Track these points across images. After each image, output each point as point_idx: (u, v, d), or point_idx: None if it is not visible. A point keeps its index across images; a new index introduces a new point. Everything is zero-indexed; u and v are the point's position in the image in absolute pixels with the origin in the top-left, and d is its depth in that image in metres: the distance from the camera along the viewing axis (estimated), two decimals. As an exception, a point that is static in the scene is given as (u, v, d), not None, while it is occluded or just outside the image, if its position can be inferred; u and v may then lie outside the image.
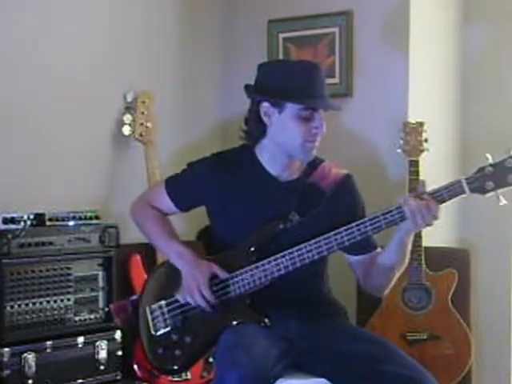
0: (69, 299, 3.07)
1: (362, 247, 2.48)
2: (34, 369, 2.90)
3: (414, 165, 3.34)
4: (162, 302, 2.54)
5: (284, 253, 2.39)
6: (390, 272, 2.46)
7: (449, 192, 2.26)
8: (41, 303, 2.98)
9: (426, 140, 3.37)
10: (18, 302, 2.91)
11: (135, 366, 3.22)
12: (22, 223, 2.97)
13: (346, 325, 2.59)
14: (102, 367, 3.11)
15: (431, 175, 3.40)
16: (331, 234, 2.35)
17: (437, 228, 3.53)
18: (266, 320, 2.40)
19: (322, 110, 2.45)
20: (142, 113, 3.49)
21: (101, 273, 3.17)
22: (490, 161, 2.25)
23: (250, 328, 2.38)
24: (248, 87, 2.53)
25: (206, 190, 2.55)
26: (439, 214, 2.27)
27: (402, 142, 3.38)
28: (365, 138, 3.67)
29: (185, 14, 3.90)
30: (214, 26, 4.05)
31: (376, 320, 3.34)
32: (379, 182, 3.61)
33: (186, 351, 2.50)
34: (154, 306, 2.55)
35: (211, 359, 2.98)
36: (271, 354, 2.30)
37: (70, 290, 3.07)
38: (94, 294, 3.15)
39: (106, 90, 3.50)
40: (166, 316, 2.53)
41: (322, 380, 2.40)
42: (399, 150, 3.38)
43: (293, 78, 2.42)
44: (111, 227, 3.18)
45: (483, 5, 3.87)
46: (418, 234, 3.26)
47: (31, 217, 3.00)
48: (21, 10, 3.22)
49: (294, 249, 2.38)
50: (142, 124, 3.49)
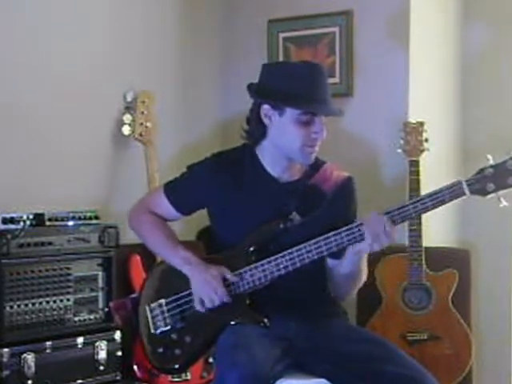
0: (68, 299, 3.06)
1: (341, 252, 2.46)
2: (33, 369, 2.89)
3: (414, 165, 3.33)
4: (162, 301, 2.54)
5: (284, 253, 2.39)
6: (346, 281, 2.50)
7: (449, 194, 2.25)
8: (40, 303, 2.97)
9: (427, 140, 3.36)
10: (18, 303, 2.91)
11: (135, 367, 3.22)
12: (22, 223, 2.96)
13: (345, 325, 2.58)
14: (101, 367, 3.10)
15: (431, 175, 3.40)
16: (331, 234, 2.35)
17: (437, 228, 3.55)
18: (266, 320, 2.40)
19: (323, 115, 2.45)
20: (142, 113, 3.49)
21: (100, 273, 3.17)
22: (491, 162, 2.24)
23: (249, 328, 2.38)
24: (250, 87, 2.52)
25: (206, 192, 2.55)
26: (395, 236, 2.29)
27: (402, 141, 3.38)
28: (365, 137, 3.67)
29: (185, 14, 3.90)
30: (214, 25, 4.04)
31: (376, 320, 3.34)
32: (379, 181, 3.61)
33: (185, 350, 2.50)
34: (153, 305, 2.55)
35: (211, 359, 2.99)
36: (271, 354, 2.30)
37: (70, 290, 3.07)
38: (93, 294, 3.14)
39: (106, 89, 3.49)
40: (166, 315, 2.53)
41: (322, 380, 2.40)
42: (399, 150, 3.38)
43: (294, 82, 2.41)
44: (111, 227, 3.17)
45: (483, 7, 3.87)
46: (418, 234, 3.26)
47: (31, 217, 2.99)
48: (21, 10, 3.22)
49: (294, 249, 2.38)
50: (141, 124, 3.48)
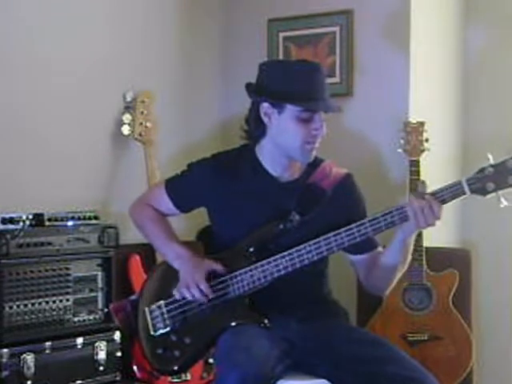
0: (68, 300, 3.05)
1: (363, 247, 2.46)
2: (32, 370, 2.89)
3: (414, 165, 3.33)
4: (162, 302, 2.54)
5: (284, 253, 2.38)
6: (392, 272, 2.45)
7: (449, 193, 2.25)
8: (40, 304, 2.96)
9: (427, 140, 3.36)
10: (17, 303, 2.90)
11: (134, 367, 3.21)
12: (21, 223, 2.95)
13: (346, 326, 2.58)
14: (101, 368, 3.10)
15: (432, 175, 3.39)
16: (331, 234, 2.34)
17: (438, 228, 3.54)
18: (266, 321, 2.39)
19: (322, 112, 2.44)
20: (142, 112, 3.48)
21: (100, 273, 3.16)
22: (491, 161, 2.23)
23: (249, 329, 2.37)
24: (249, 86, 2.52)
25: (205, 191, 2.55)
26: (441, 214, 2.26)
27: (402, 141, 3.37)
28: (365, 137, 3.66)
29: (185, 14, 3.89)
30: (214, 25, 4.04)
31: (376, 321, 3.33)
32: (380, 181, 3.60)
33: (185, 352, 2.49)
34: (153, 307, 2.55)
35: (211, 360, 2.98)
36: (272, 354, 2.29)
37: (69, 290, 3.06)
38: (93, 294, 3.13)
39: (106, 89, 3.48)
40: (166, 316, 2.52)
41: (323, 381, 2.39)
42: (400, 150, 3.37)
43: (293, 80, 2.41)
44: (110, 227, 3.16)
45: (484, 6, 3.86)
46: (419, 234, 3.25)
47: (30, 217, 2.98)
48: (19, 10, 3.21)
49: (294, 249, 2.37)
50: (141, 124, 3.48)
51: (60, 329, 3.02)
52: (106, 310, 3.15)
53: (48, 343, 2.95)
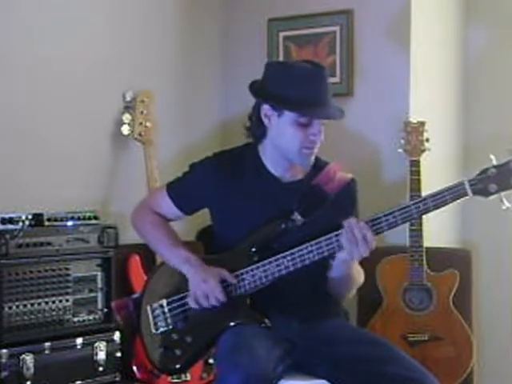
0: (67, 300, 3.05)
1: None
2: (32, 370, 2.88)
3: (415, 165, 3.32)
4: (163, 301, 2.54)
5: (285, 253, 2.38)
6: (336, 283, 2.48)
7: (451, 194, 2.24)
8: (39, 304, 2.96)
9: (428, 140, 3.35)
10: (17, 303, 2.89)
11: (134, 367, 3.21)
12: (20, 223, 2.94)
13: (346, 326, 2.58)
14: (100, 368, 3.09)
15: (432, 175, 3.39)
16: (332, 235, 2.33)
17: (438, 228, 3.54)
18: (267, 321, 2.39)
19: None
20: (141, 112, 3.48)
21: (99, 273, 3.15)
22: (494, 162, 2.22)
23: (250, 329, 2.37)
24: (253, 85, 2.51)
25: (208, 190, 2.55)
26: (374, 245, 2.27)
27: (403, 141, 3.37)
28: (366, 137, 3.65)
29: (185, 13, 3.89)
30: (214, 25, 4.03)
31: (377, 321, 3.33)
32: (380, 181, 3.60)
33: (186, 351, 2.49)
34: (155, 305, 2.55)
35: (211, 360, 2.98)
36: (273, 354, 2.29)
37: (69, 290, 3.05)
38: (92, 294, 3.13)
39: (105, 89, 3.48)
40: (167, 315, 2.52)
41: (323, 381, 2.39)
42: (400, 150, 3.37)
43: (295, 84, 2.40)
44: (110, 227, 3.16)
45: (485, 6, 3.86)
46: (419, 234, 3.25)
47: (29, 217, 2.97)
48: (19, 10, 3.20)
49: (295, 249, 2.37)
50: (141, 123, 3.47)
51: (59, 329, 3.01)
52: (105, 310, 3.14)
53: (47, 343, 2.94)
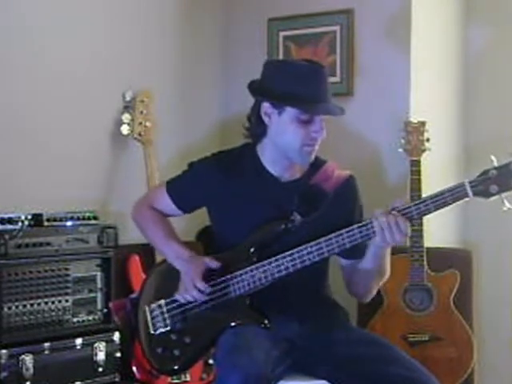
0: (67, 300, 3.04)
1: (356, 252, 2.44)
2: (31, 371, 2.88)
3: (415, 164, 3.32)
4: (162, 302, 2.53)
5: (285, 254, 2.37)
6: (367, 278, 2.46)
7: (452, 195, 2.23)
8: (38, 304, 2.95)
9: (428, 139, 3.35)
10: (16, 304, 2.89)
11: (134, 368, 3.20)
12: (20, 223, 2.94)
13: (347, 326, 2.56)
14: (100, 369, 3.09)
15: (433, 175, 3.38)
16: (332, 235, 2.32)
17: (439, 228, 3.53)
18: (266, 321, 2.38)
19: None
20: (141, 112, 3.47)
21: (99, 274, 3.15)
22: (495, 163, 2.21)
23: (250, 329, 2.36)
24: (252, 84, 2.51)
25: (207, 190, 2.54)
26: (409, 231, 2.26)
27: (403, 141, 3.36)
28: (366, 137, 3.65)
29: (184, 13, 3.88)
30: (214, 24, 4.03)
31: (377, 321, 3.32)
32: (380, 181, 3.59)
33: (185, 351, 2.48)
34: (153, 306, 2.55)
35: (211, 361, 2.97)
36: (272, 355, 2.29)
37: (68, 291, 3.05)
38: (92, 295, 3.12)
39: (105, 88, 3.48)
40: (166, 315, 2.52)
41: (324, 382, 2.38)
42: (401, 150, 3.36)
43: (295, 81, 2.39)
44: (109, 228, 3.15)
45: (485, 5, 3.85)
46: (419, 234, 3.24)
47: (29, 217, 2.97)
48: (20, 10, 3.20)
49: (295, 250, 2.36)
50: (140, 123, 3.47)
51: (59, 329, 3.00)
52: (105, 310, 3.14)
53: (47, 344, 2.93)
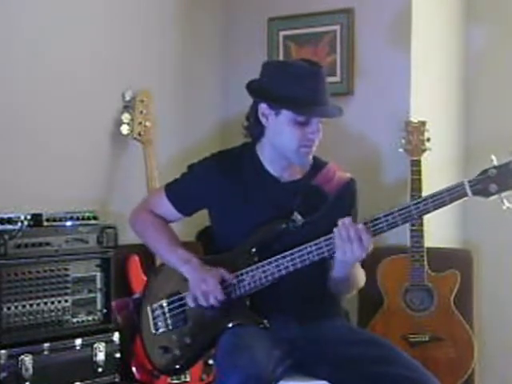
0: (66, 300, 3.03)
1: None
2: (31, 371, 2.87)
3: (415, 164, 3.31)
4: (164, 302, 2.54)
5: (285, 254, 2.37)
6: (336, 284, 2.46)
7: (451, 195, 2.23)
8: (38, 305, 2.94)
9: (429, 139, 3.34)
10: (15, 304, 2.88)
11: (133, 368, 3.20)
12: (19, 223, 2.93)
13: (347, 326, 2.57)
14: (99, 369, 3.07)
15: (433, 175, 3.38)
16: (332, 235, 2.31)
17: (439, 228, 3.53)
18: (265, 322, 2.38)
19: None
20: (141, 112, 3.47)
21: (99, 274, 3.14)
22: (495, 162, 2.21)
23: (250, 330, 2.36)
24: (250, 85, 2.51)
25: (206, 192, 2.54)
26: (371, 247, 2.25)
27: (403, 141, 3.36)
28: (366, 137, 3.64)
29: (184, 12, 3.88)
30: (214, 24, 4.02)
31: (377, 321, 3.32)
32: (380, 181, 3.59)
33: (185, 351, 2.49)
34: (155, 305, 2.56)
35: (210, 361, 2.97)
36: (272, 355, 2.29)
37: (68, 291, 3.04)
38: (91, 295, 3.11)
39: (105, 88, 3.47)
40: (167, 316, 2.53)
41: (324, 382, 2.38)
42: (401, 150, 3.36)
43: (292, 83, 2.39)
44: (109, 228, 3.14)
45: (486, 5, 3.85)
46: (420, 234, 3.24)
47: (28, 217, 2.96)
48: (20, 10, 3.19)
49: (295, 250, 2.36)
50: (140, 123, 3.46)
51: (58, 330, 2.99)
52: (104, 310, 3.13)
53: (46, 344, 2.92)
